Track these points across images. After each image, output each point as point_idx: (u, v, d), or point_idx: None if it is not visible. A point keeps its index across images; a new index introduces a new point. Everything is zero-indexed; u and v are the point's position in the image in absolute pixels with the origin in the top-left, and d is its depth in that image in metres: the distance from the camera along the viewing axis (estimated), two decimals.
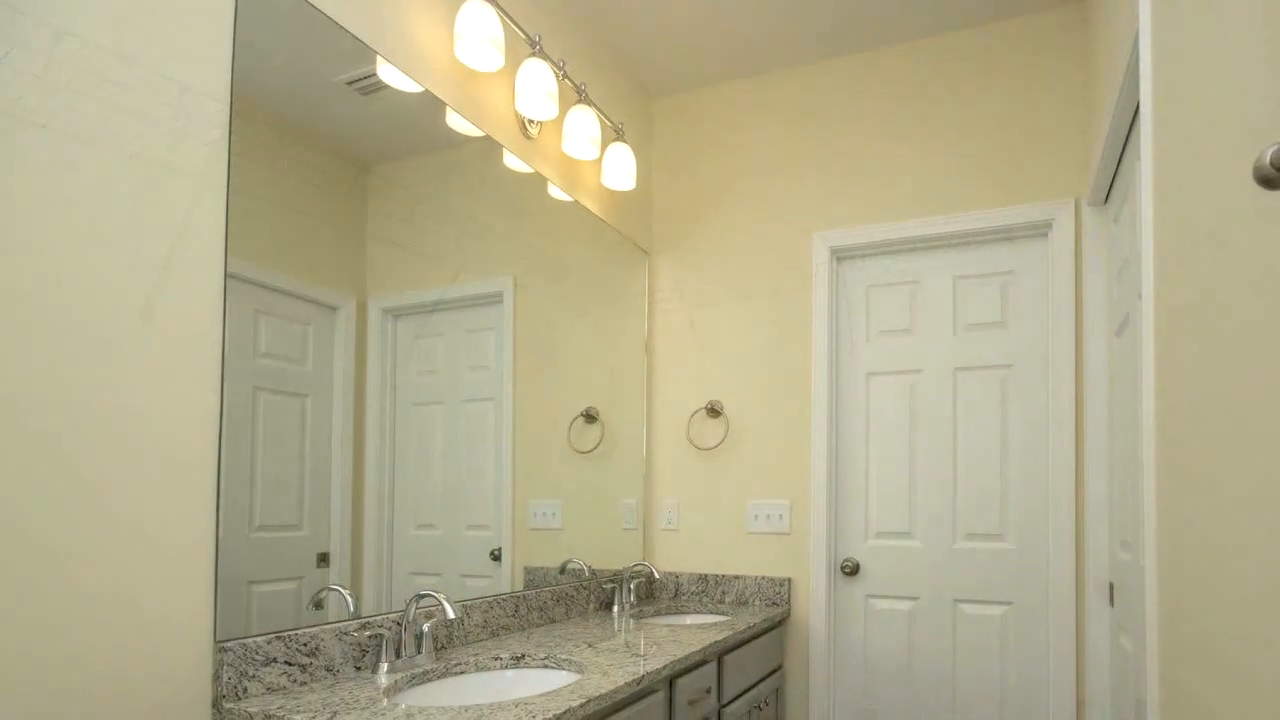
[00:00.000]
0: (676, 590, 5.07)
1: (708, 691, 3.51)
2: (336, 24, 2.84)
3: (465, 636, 3.36)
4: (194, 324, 2.32)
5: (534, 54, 3.70)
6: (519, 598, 3.73)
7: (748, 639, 4.09)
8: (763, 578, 4.83)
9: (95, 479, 2.06)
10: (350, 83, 2.92)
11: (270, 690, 2.48)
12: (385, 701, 2.42)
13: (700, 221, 5.20)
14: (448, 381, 3.39)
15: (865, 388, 4.81)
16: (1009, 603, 4.39)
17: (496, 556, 3.64)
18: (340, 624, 2.76)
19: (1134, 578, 3.14)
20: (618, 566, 4.78)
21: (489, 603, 3.51)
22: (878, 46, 4.76)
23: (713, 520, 5.04)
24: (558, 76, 4.04)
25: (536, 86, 3.66)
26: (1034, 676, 4.30)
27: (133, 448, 2.15)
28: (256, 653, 2.44)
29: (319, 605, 2.72)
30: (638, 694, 2.92)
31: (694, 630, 3.78)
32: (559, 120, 4.27)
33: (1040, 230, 4.39)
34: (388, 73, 3.09)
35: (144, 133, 2.20)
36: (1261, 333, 1.48)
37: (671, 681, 3.22)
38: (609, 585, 4.60)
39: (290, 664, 2.55)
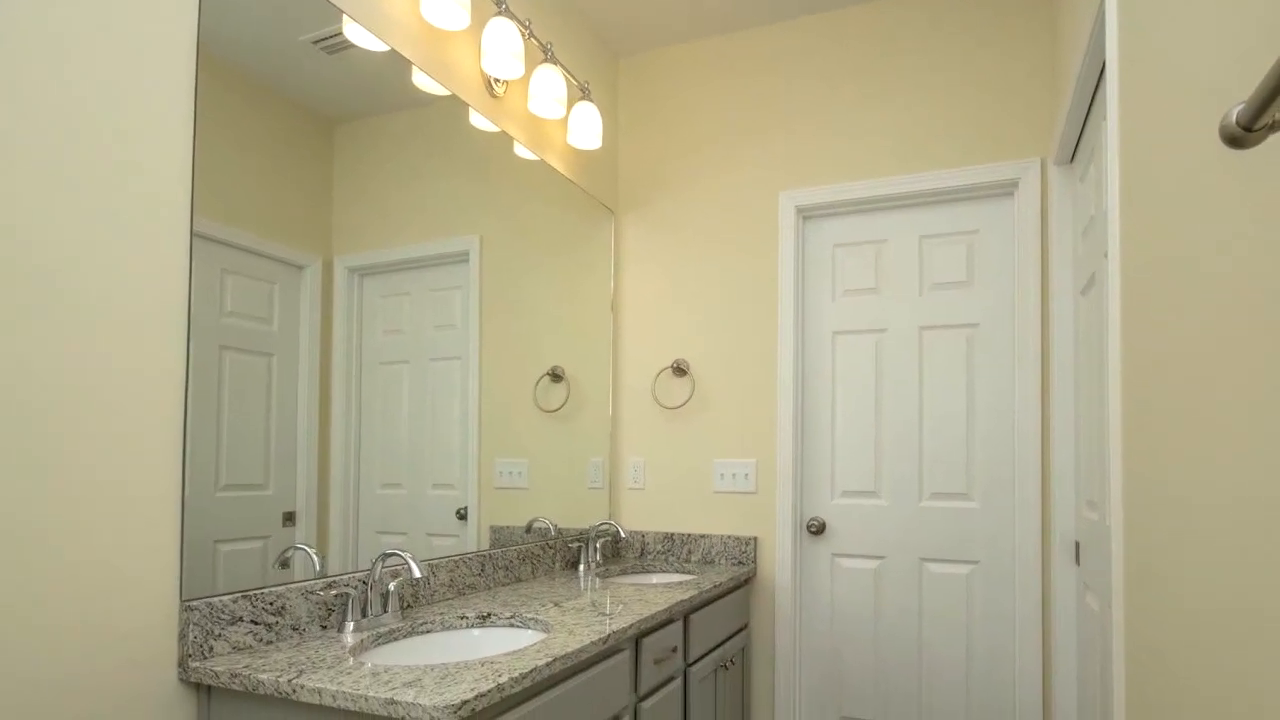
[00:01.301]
0: (643, 549, 5.11)
1: (674, 650, 3.55)
2: None
3: (431, 595, 3.38)
4: (159, 283, 2.33)
5: (500, 13, 3.69)
6: (485, 557, 3.75)
7: (714, 598, 4.14)
8: (729, 537, 4.87)
9: (61, 440, 2.07)
10: (316, 42, 2.91)
11: (236, 649, 2.50)
12: (351, 660, 2.44)
13: (666, 180, 5.21)
14: (414, 340, 3.40)
15: (831, 347, 4.85)
16: (975, 562, 4.45)
17: (463, 515, 3.66)
18: (306, 583, 2.78)
19: (1100, 537, 3.18)
20: (584, 526, 4.81)
21: (455, 562, 3.54)
22: (845, 5, 4.76)
23: (679, 479, 5.08)
24: (523, 35, 4.04)
25: (502, 45, 3.65)
26: (1000, 635, 4.37)
27: (98, 408, 2.16)
28: (223, 612, 2.46)
29: (285, 564, 2.74)
30: (604, 653, 2.95)
31: (660, 589, 3.81)
32: (525, 79, 4.27)
33: (1006, 189, 4.43)
34: (354, 31, 3.08)
35: (108, 90, 2.20)
36: (1228, 291, 1.50)
37: (638, 640, 3.25)
38: (575, 544, 4.63)
39: (256, 623, 2.57)
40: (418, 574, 2.81)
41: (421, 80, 3.46)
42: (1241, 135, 1.01)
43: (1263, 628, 1.34)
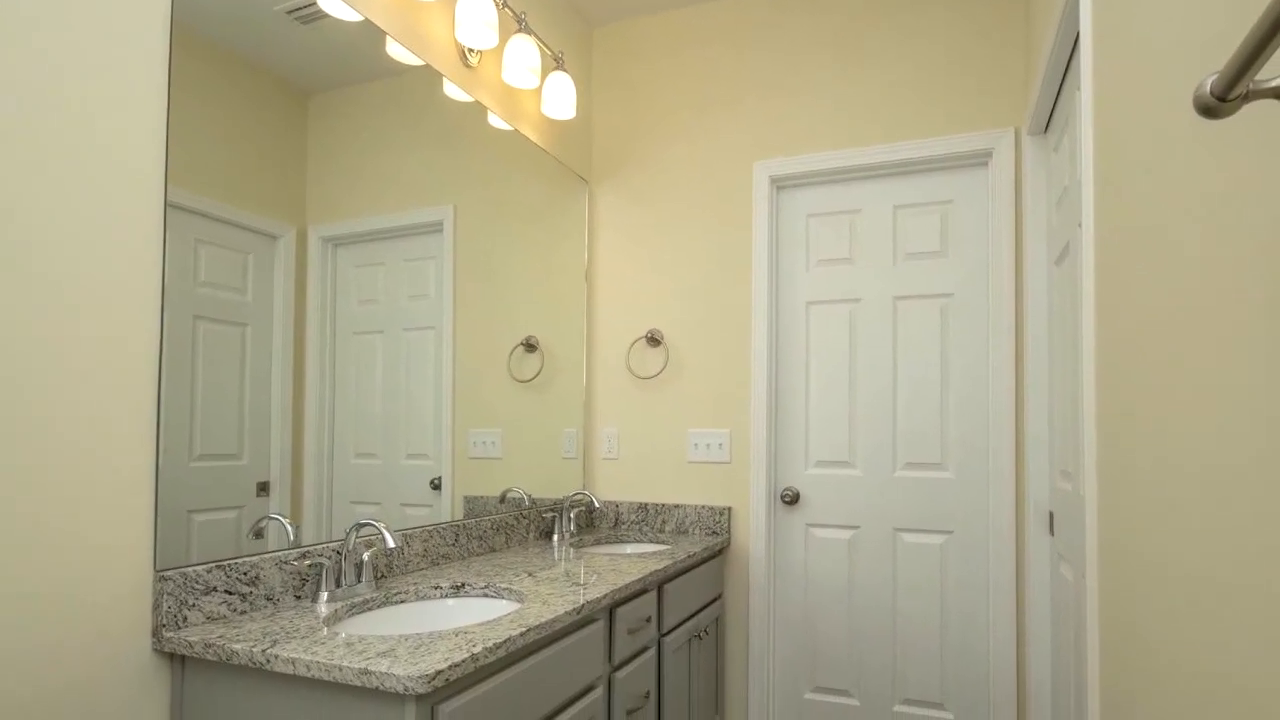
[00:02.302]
0: (617, 519, 5.13)
1: (648, 620, 3.58)
2: None
3: (405, 565, 3.40)
4: (133, 253, 2.33)
5: None
6: (459, 527, 3.77)
7: (688, 568, 4.17)
8: (703, 507, 4.90)
9: (34, 410, 2.08)
10: (290, 11, 2.90)
11: (210, 619, 2.51)
12: (325, 630, 2.46)
13: (640, 150, 5.22)
14: (388, 310, 3.40)
15: (805, 317, 4.87)
16: (949, 532, 4.48)
17: (436, 485, 3.67)
18: (280, 553, 2.79)
19: (1074, 507, 3.21)
20: (558, 496, 4.84)
21: (429, 532, 3.56)
22: None
23: (653, 449, 5.10)
24: (497, 5, 4.02)
25: (476, 15, 3.64)
26: (974, 605, 4.42)
27: (72, 378, 2.16)
28: (196, 582, 2.47)
29: (259, 534, 2.75)
30: (578, 623, 2.97)
31: (634, 559, 3.84)
32: (499, 49, 4.26)
33: (980, 159, 4.45)
34: (328, 1, 3.07)
35: (80, 60, 2.19)
36: (1201, 261, 1.52)
37: (612, 611, 3.28)
38: (549, 514, 4.65)
39: (230, 593, 2.58)
40: (392, 544, 2.82)
41: (395, 50, 3.45)
42: (1215, 105, 1.01)
43: (1235, 597, 1.36)
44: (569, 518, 4.63)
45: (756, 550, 4.77)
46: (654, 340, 5.10)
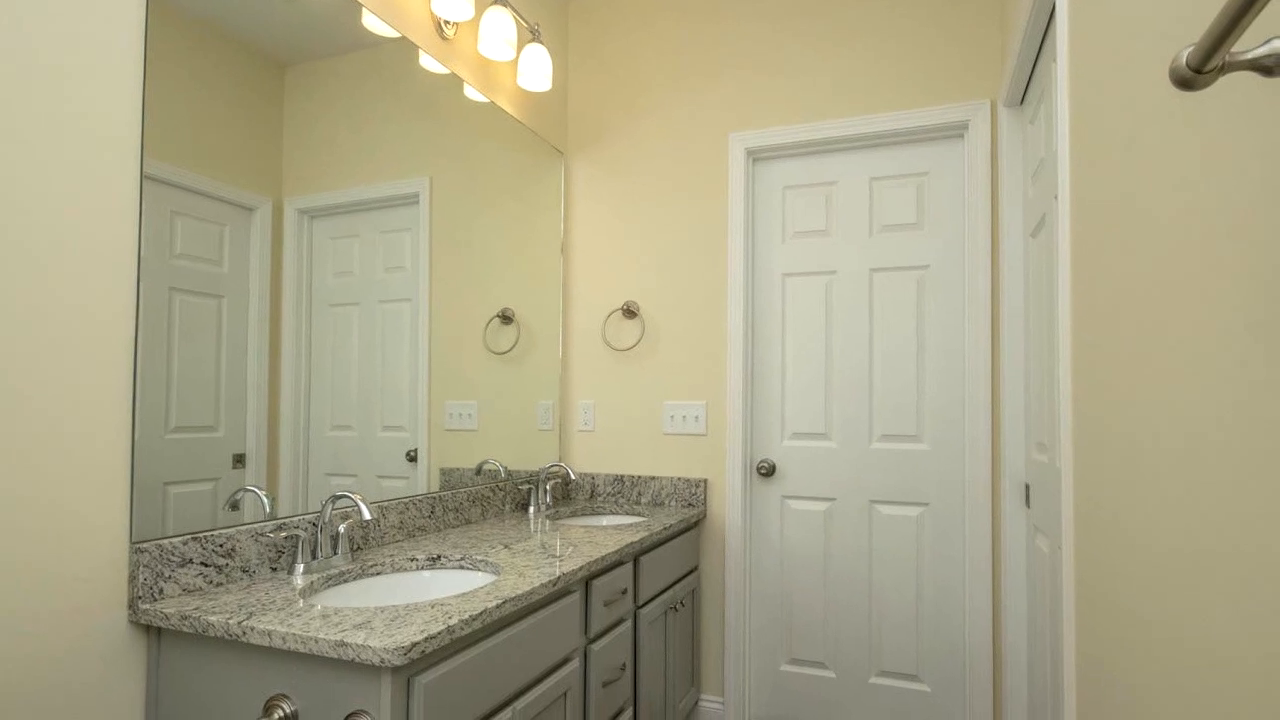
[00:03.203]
0: (593, 491, 5.16)
1: (624, 592, 3.60)
2: None
3: (381, 537, 3.41)
4: (109, 225, 2.32)
5: None
6: (435, 499, 3.78)
7: (664, 540, 4.19)
8: (679, 479, 4.92)
9: (9, 381, 2.08)
10: None
11: (186, 591, 2.52)
12: (301, 602, 2.47)
13: (616, 122, 5.22)
14: (364, 282, 3.40)
15: (781, 289, 4.88)
16: (925, 504, 4.52)
17: (412, 458, 3.67)
18: (256, 525, 2.80)
19: (1050, 479, 3.24)
20: (534, 468, 4.85)
21: (405, 504, 3.57)
22: None
23: (629, 422, 5.12)
24: None
25: None
26: (950, 576, 4.46)
27: (48, 349, 2.16)
28: (172, 554, 2.48)
29: (235, 506, 2.75)
30: (554, 595, 3.00)
31: (610, 531, 3.86)
32: (475, 21, 4.25)
33: (956, 131, 4.47)
34: None
35: (57, 31, 2.18)
36: (1177, 232, 1.53)
37: (588, 583, 3.30)
38: (525, 486, 4.67)
39: (206, 565, 2.59)
40: (368, 516, 2.82)
41: (372, 22, 3.44)
42: (1191, 77, 1.02)
43: (1211, 568, 1.37)
44: (545, 490, 4.64)
45: (732, 522, 4.80)
46: (630, 312, 5.11)
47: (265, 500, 2.89)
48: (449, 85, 4.00)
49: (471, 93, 4.20)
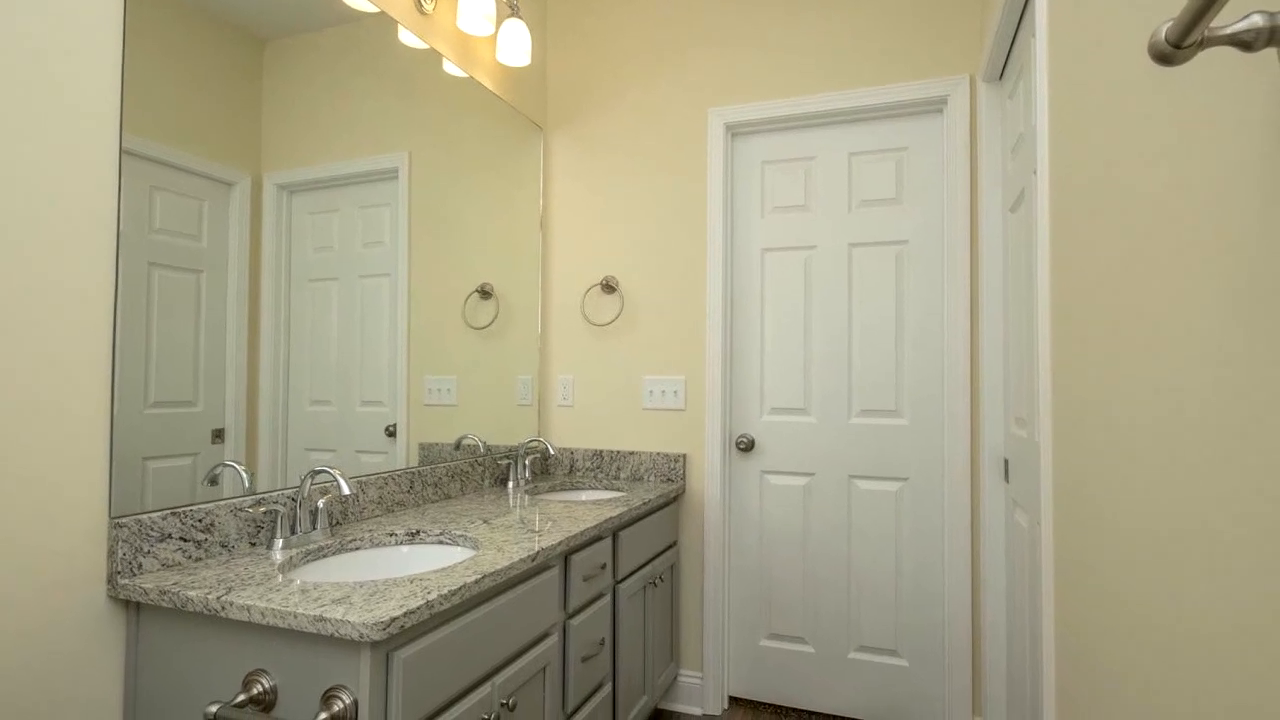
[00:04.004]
0: (572, 466, 5.16)
1: (603, 567, 3.62)
2: None
3: (360, 512, 3.42)
4: (89, 200, 2.32)
5: None
6: (414, 474, 3.79)
7: (643, 515, 4.22)
8: (658, 454, 4.93)
9: None
10: None
11: (165, 566, 2.53)
12: (280, 577, 2.48)
13: (595, 97, 5.21)
14: (343, 257, 3.40)
15: (760, 264, 4.90)
16: (904, 478, 4.55)
17: (391, 432, 3.68)
18: (235, 500, 2.81)
19: (1029, 454, 3.27)
20: (513, 443, 4.86)
21: (384, 479, 3.57)
22: None
23: (608, 396, 5.13)
24: None
25: None
26: (929, 551, 4.50)
27: (27, 324, 2.16)
28: (151, 529, 2.48)
29: (214, 481, 2.76)
30: (533, 570, 3.01)
31: (589, 506, 3.87)
32: None
33: (935, 106, 4.49)
34: None
35: (37, 7, 2.16)
36: (1156, 207, 1.54)
37: (567, 557, 3.32)
38: (504, 461, 4.68)
39: (185, 540, 2.59)
40: (347, 491, 2.83)
41: None
42: (1170, 52, 1.02)
43: (1189, 542, 1.39)
44: (524, 465, 4.66)
45: (711, 497, 4.82)
46: (609, 287, 5.11)
47: (244, 475, 2.90)
48: (428, 60, 3.99)
49: (450, 68, 4.19)
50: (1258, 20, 0.98)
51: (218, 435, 2.78)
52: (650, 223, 5.05)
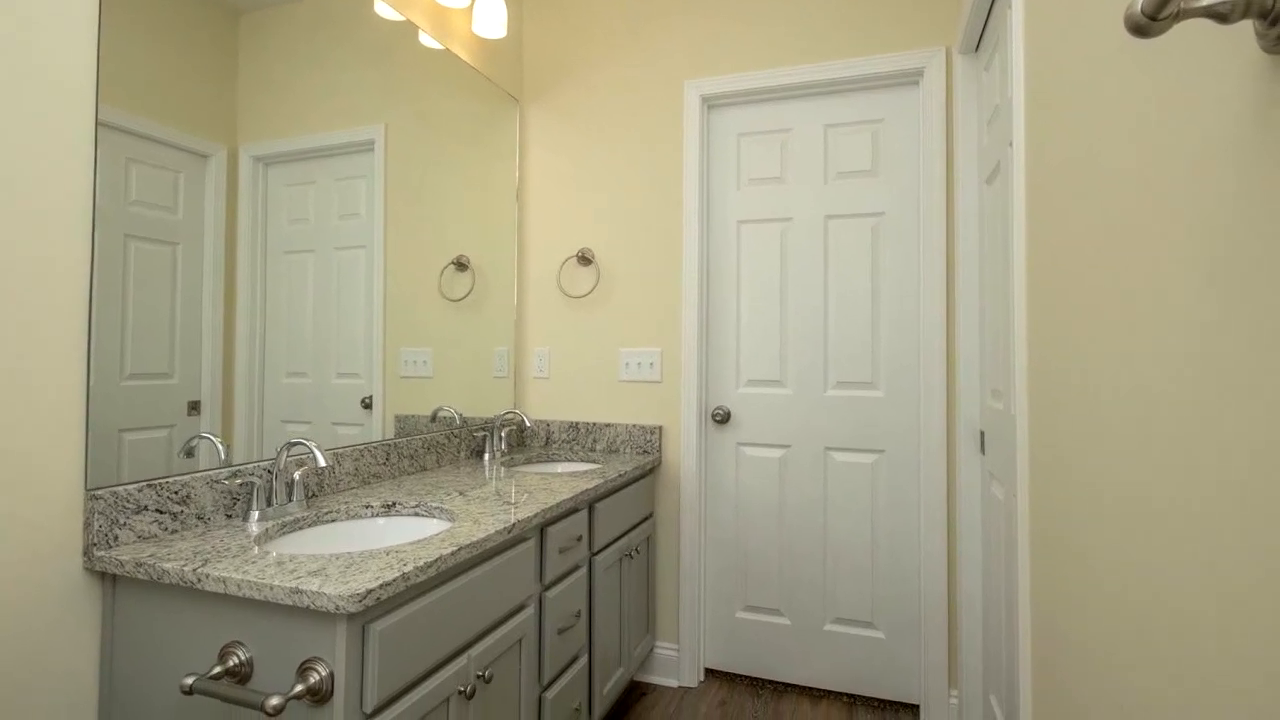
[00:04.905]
0: (548, 438, 5.18)
1: (579, 539, 3.64)
2: None
3: (336, 484, 3.43)
4: (64, 171, 2.32)
5: None
6: (390, 446, 3.80)
7: (619, 487, 4.24)
8: (634, 426, 4.95)
9: None
10: None
11: (141, 538, 2.54)
12: (256, 549, 2.49)
13: (571, 70, 5.21)
14: (319, 229, 3.40)
15: (736, 236, 4.92)
16: (880, 451, 4.58)
17: (367, 405, 3.69)
18: (211, 472, 2.81)
19: (1005, 426, 3.30)
20: (489, 415, 4.88)
21: (360, 450, 3.59)
22: None
23: (584, 368, 5.15)
24: None
25: None
26: (905, 524, 4.54)
27: (1, 296, 2.14)
28: (128, 501, 2.49)
29: (190, 453, 2.76)
30: (509, 542, 3.03)
31: (565, 478, 3.89)
32: None
33: (911, 78, 4.50)
34: None
35: None
36: (1132, 179, 1.56)
37: (543, 530, 3.34)
38: (480, 434, 4.69)
39: (161, 512, 2.60)
40: (322, 463, 2.85)
41: None
42: (1146, 24, 1.03)
43: (1164, 514, 1.42)
44: (500, 437, 4.69)
45: (687, 469, 4.85)
46: (585, 259, 5.12)
47: (220, 447, 2.91)
48: (404, 32, 3.99)
49: (426, 40, 4.19)
50: None
51: (194, 407, 2.79)
52: (626, 195, 5.06)
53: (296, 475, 3.06)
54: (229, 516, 2.88)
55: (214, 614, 2.27)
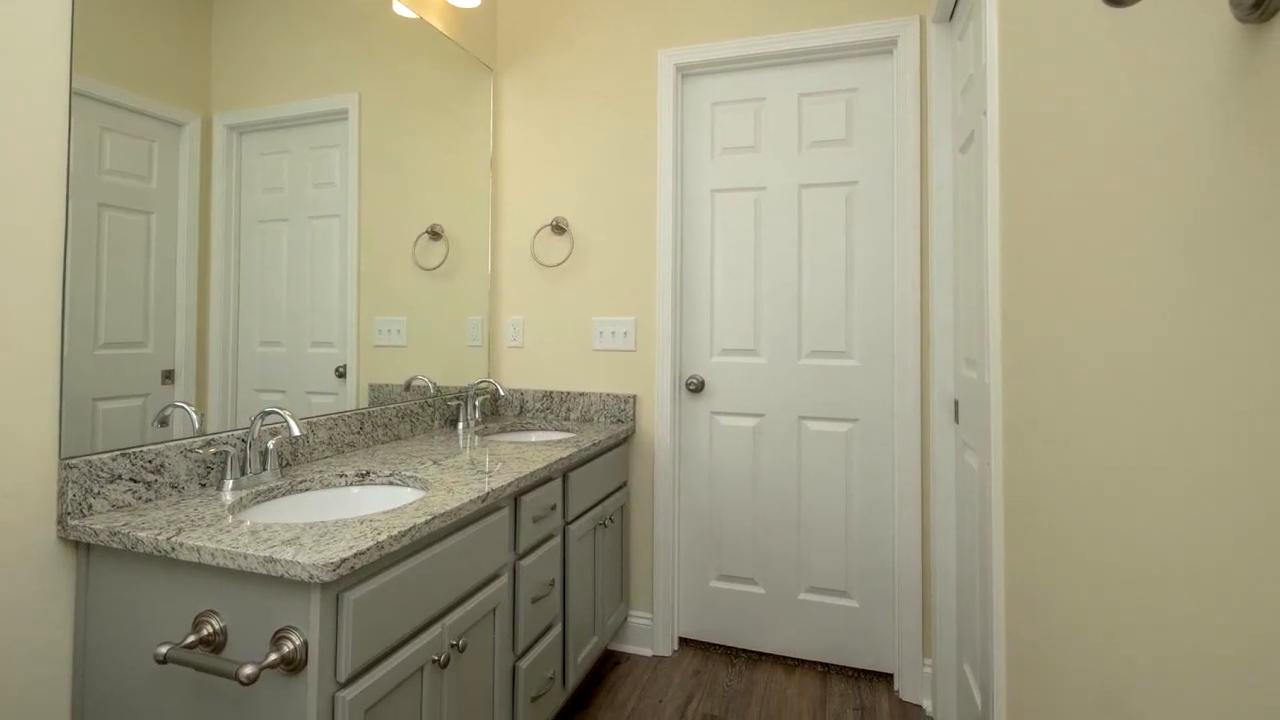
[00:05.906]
0: (522, 407, 5.20)
1: (553, 508, 3.67)
2: None
3: (310, 453, 3.45)
4: (38, 141, 2.32)
5: None
6: (364, 415, 3.81)
7: (593, 456, 4.27)
8: (608, 395, 4.98)
9: None
10: None
11: (115, 507, 2.55)
12: (230, 518, 2.50)
13: (546, 39, 5.19)
14: (293, 199, 3.40)
15: (710, 205, 4.94)
16: (854, 420, 4.62)
17: (341, 373, 3.70)
18: (185, 441, 2.83)
19: (979, 395, 3.33)
20: (463, 384, 4.90)
21: (334, 420, 3.60)
22: None
23: (558, 337, 5.17)
24: None
25: None
26: (879, 492, 4.58)
27: None
28: (101, 470, 2.50)
29: (164, 422, 2.77)
30: (483, 511, 3.05)
31: (539, 447, 3.92)
32: None
33: (885, 47, 4.52)
34: None
35: None
36: (1105, 149, 1.58)
37: (517, 499, 3.36)
38: (454, 402, 4.71)
39: (135, 481, 2.61)
40: (296, 432, 2.86)
41: None
42: None
43: (1140, 481, 1.44)
44: (474, 406, 4.70)
45: (661, 438, 4.88)
46: (559, 229, 5.13)
47: (194, 416, 2.92)
48: (378, 1, 3.98)
49: (400, 9, 4.18)
50: None
51: (168, 376, 2.80)
52: (600, 164, 5.07)
53: (271, 444, 3.07)
54: (203, 485, 2.89)
55: (188, 583, 2.28)
